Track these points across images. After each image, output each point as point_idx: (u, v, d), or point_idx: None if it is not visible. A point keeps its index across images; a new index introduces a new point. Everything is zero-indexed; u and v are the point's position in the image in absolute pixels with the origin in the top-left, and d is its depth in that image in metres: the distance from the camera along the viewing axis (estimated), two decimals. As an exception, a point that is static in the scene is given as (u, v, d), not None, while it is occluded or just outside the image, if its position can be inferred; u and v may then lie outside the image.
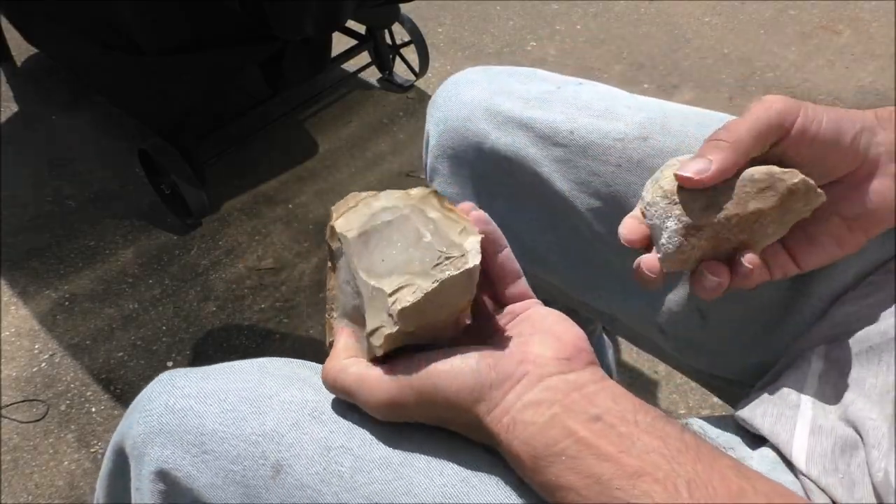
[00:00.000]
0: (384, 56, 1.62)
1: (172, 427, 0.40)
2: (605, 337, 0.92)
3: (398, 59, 1.66)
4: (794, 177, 0.39)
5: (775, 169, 0.40)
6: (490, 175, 0.59)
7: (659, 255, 0.41)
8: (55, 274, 1.29)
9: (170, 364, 1.16)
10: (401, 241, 0.38)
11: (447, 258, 0.36)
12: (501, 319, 0.39)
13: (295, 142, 1.55)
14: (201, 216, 1.35)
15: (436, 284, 0.36)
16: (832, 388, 0.43)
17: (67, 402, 1.11)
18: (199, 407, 0.40)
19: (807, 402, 0.43)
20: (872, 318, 0.45)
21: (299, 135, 1.56)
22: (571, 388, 0.34)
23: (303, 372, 0.43)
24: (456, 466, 0.37)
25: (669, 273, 0.42)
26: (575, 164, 0.55)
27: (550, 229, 0.58)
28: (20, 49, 1.72)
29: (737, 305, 0.52)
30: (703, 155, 0.39)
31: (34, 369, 1.15)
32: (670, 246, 0.40)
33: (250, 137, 1.43)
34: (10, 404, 1.10)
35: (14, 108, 1.63)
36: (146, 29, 1.18)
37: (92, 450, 1.05)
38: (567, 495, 0.32)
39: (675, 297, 0.54)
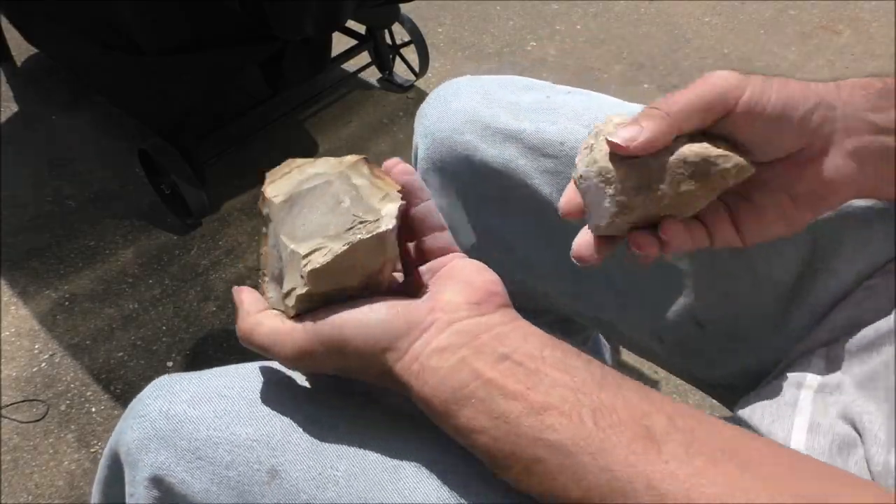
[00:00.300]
0: (384, 56, 1.61)
1: (166, 433, 0.40)
2: (602, 337, 0.92)
3: (398, 59, 1.66)
4: (727, 161, 0.39)
5: (711, 151, 0.39)
6: (480, 187, 0.59)
7: (590, 226, 0.42)
8: (55, 274, 1.29)
9: (170, 364, 1.16)
10: (321, 206, 0.39)
11: (361, 222, 0.37)
12: (423, 275, 0.39)
13: (295, 142, 1.55)
14: (201, 216, 1.35)
15: (346, 247, 0.36)
16: (832, 387, 0.43)
17: (67, 402, 1.11)
18: (194, 412, 0.40)
19: (805, 401, 0.43)
20: (873, 321, 0.44)
21: (299, 135, 1.56)
22: (480, 330, 0.34)
23: (298, 377, 0.43)
24: (452, 469, 0.37)
25: (662, 278, 0.42)
26: (566, 174, 0.54)
27: (543, 240, 0.58)
28: (20, 49, 1.72)
29: (734, 312, 0.52)
30: (637, 122, 0.39)
31: (34, 369, 1.15)
32: (601, 221, 0.41)
33: (250, 137, 1.43)
34: (10, 404, 1.10)
35: (14, 108, 1.63)
36: (146, 29, 1.18)
37: (92, 450, 1.05)
38: (480, 438, 0.32)
39: (672, 306, 0.54)
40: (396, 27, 1.58)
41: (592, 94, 0.58)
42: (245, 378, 0.42)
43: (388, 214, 0.38)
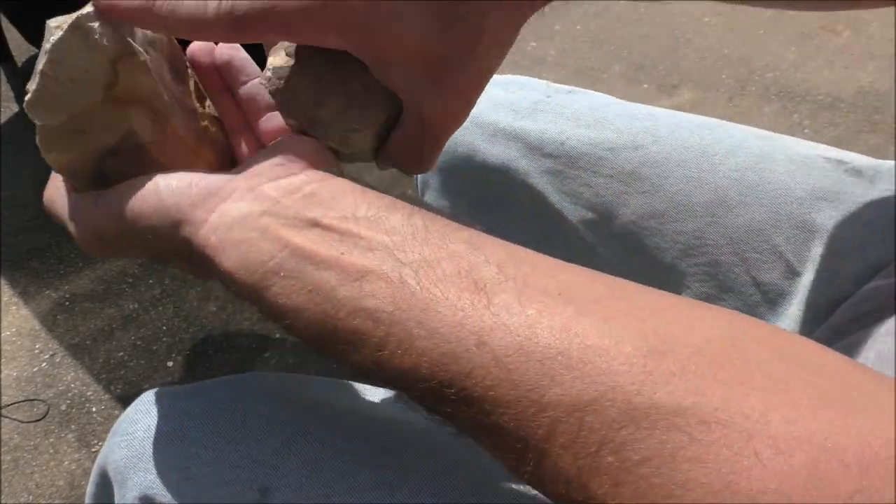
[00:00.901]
0: (384, 56, 1.61)
1: (155, 452, 0.39)
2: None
3: (398, 59, 1.65)
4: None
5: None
6: (481, 187, 0.59)
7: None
8: (55, 274, 1.29)
9: (170, 364, 1.16)
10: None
11: (56, 27, 0.30)
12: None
13: (295, 142, 1.55)
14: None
15: (46, 55, 0.30)
16: None
17: (68, 401, 1.11)
18: (183, 430, 0.39)
19: None
20: (874, 323, 0.44)
21: (299, 135, 1.56)
22: (283, 193, 0.30)
23: (289, 389, 0.43)
24: (449, 485, 0.36)
25: (660, 276, 0.42)
26: (566, 175, 0.54)
27: (543, 241, 0.58)
28: (20, 49, 1.72)
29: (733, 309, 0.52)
30: None
31: (35, 369, 1.15)
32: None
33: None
34: (11, 404, 1.10)
35: (14, 108, 1.64)
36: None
37: (93, 450, 1.05)
38: (297, 318, 0.28)
39: None
40: (396, 27, 1.58)
41: (593, 94, 0.59)
42: (234, 392, 0.41)
43: (81, 12, 0.31)
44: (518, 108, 0.57)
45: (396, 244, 0.28)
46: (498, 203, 0.59)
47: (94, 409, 1.10)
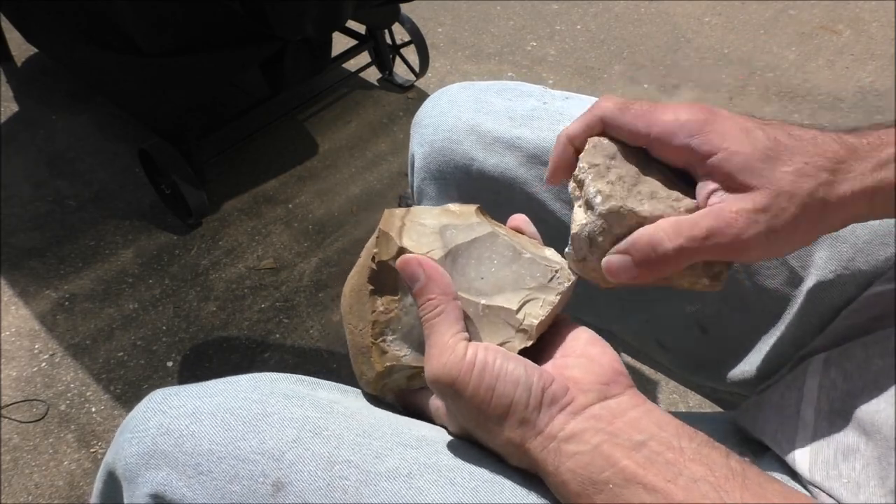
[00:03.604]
0: (384, 56, 1.62)
1: (167, 448, 0.39)
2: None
3: (398, 59, 1.66)
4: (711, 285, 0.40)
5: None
6: (479, 197, 0.58)
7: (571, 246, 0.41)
8: (55, 274, 1.29)
9: (170, 364, 1.16)
10: (496, 258, 0.40)
11: (555, 271, 0.40)
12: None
13: (295, 142, 1.55)
14: (201, 216, 1.35)
15: (559, 297, 0.39)
16: (835, 391, 0.43)
17: (67, 401, 1.11)
18: (195, 427, 0.39)
19: (808, 409, 0.43)
20: (876, 328, 0.44)
21: (299, 135, 1.56)
22: (613, 414, 0.35)
23: (301, 389, 0.43)
24: (466, 476, 0.36)
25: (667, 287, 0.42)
26: (565, 183, 0.54)
27: None
28: (20, 49, 1.72)
29: (737, 318, 0.51)
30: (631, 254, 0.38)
31: (34, 369, 1.15)
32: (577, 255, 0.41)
33: (250, 137, 1.43)
34: (11, 404, 1.10)
35: (14, 108, 1.63)
36: (147, 30, 1.18)
37: (92, 450, 1.05)
38: None
39: (674, 312, 0.54)
40: (396, 27, 1.58)
41: (589, 99, 0.58)
42: (247, 390, 0.41)
43: (562, 261, 0.40)
44: (514, 115, 0.56)
45: (719, 481, 0.31)
46: (497, 212, 0.59)
47: (93, 409, 1.10)
